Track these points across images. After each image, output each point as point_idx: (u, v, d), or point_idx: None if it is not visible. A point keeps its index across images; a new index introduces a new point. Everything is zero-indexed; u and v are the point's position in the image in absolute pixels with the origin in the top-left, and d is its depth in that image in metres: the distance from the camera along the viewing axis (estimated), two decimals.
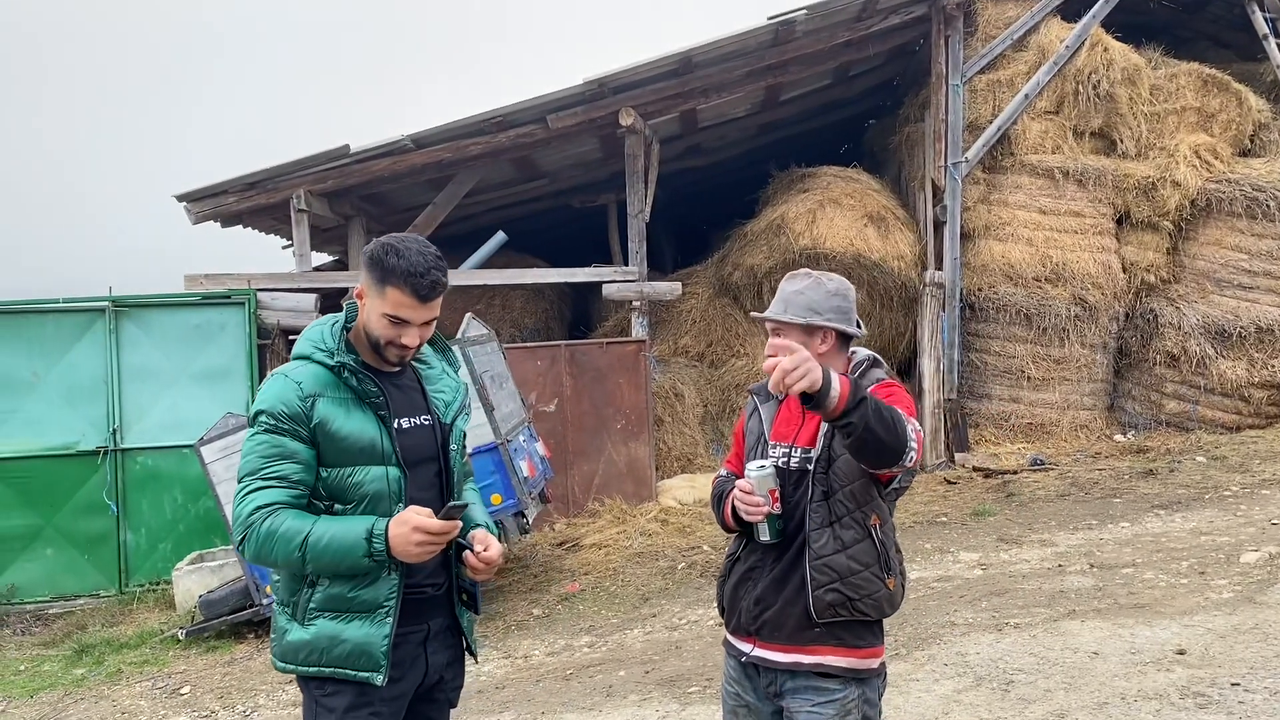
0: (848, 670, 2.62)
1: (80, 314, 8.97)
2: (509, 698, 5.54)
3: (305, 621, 2.53)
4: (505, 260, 12.25)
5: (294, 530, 2.40)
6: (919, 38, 11.96)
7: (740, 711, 2.79)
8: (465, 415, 2.86)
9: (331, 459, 2.52)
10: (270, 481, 2.45)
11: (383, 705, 2.55)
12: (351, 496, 2.52)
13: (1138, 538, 7.68)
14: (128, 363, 8.98)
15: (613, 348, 10.27)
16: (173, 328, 9.15)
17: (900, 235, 11.66)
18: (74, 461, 8.85)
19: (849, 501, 2.61)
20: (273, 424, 2.48)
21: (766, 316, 2.74)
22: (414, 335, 2.58)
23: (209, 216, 10.39)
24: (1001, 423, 11.68)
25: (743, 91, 11.32)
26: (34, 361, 8.85)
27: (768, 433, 2.77)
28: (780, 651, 2.66)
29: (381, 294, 2.52)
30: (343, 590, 2.50)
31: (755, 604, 2.69)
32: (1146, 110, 11.87)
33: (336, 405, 2.54)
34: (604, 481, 10.07)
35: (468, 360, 7.09)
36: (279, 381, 2.55)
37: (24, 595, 8.67)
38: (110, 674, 6.85)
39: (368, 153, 10.21)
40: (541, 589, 7.87)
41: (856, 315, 2.77)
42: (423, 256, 2.52)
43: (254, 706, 5.92)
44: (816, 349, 2.66)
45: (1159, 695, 4.56)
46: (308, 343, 2.62)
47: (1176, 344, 11.29)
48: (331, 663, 2.51)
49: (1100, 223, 11.65)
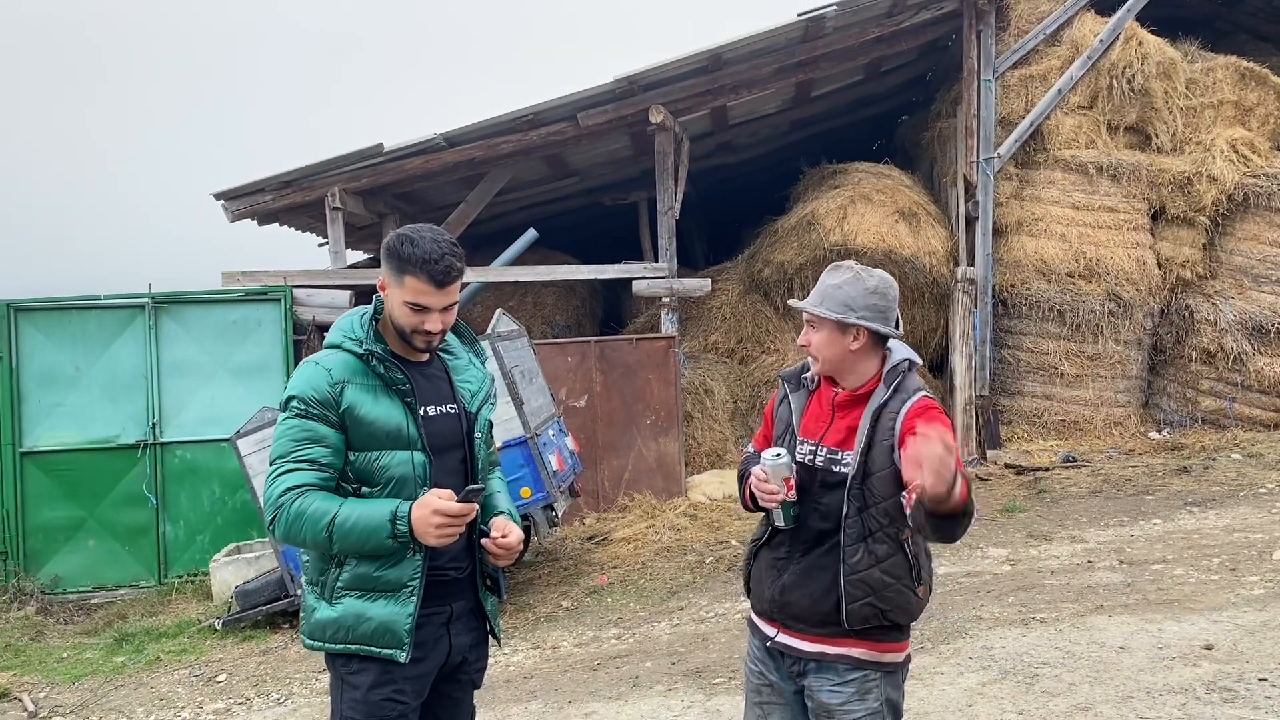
0: (873, 662, 2.65)
1: (121, 310, 9.16)
2: (537, 687, 5.61)
3: (333, 600, 2.62)
4: (536, 257, 12.34)
5: (322, 511, 2.49)
6: (951, 33, 11.91)
7: (764, 690, 2.83)
8: (490, 405, 2.94)
9: (359, 443, 2.61)
10: (300, 464, 2.54)
11: (405, 683, 2.62)
12: (378, 479, 2.61)
13: (1169, 534, 7.62)
14: (167, 358, 9.16)
15: (643, 344, 10.33)
16: (211, 323, 9.31)
17: (932, 231, 11.62)
18: (115, 454, 9.04)
19: (883, 517, 2.60)
20: (303, 409, 2.58)
21: (801, 307, 2.73)
22: (436, 321, 2.65)
23: (246, 214, 10.56)
24: (1034, 419, 11.61)
25: (773, 88, 11.32)
26: (77, 356, 9.05)
27: (796, 425, 2.78)
28: (806, 641, 2.69)
29: (401, 283, 2.61)
30: (368, 570, 2.58)
31: (781, 593, 2.72)
32: (1182, 104, 11.75)
33: (364, 391, 2.63)
34: (634, 477, 10.13)
35: (498, 355, 7.17)
36: (310, 368, 2.65)
37: (67, 585, 8.87)
38: (149, 662, 7.00)
39: (401, 151, 10.34)
40: (570, 582, 7.95)
41: (897, 313, 2.72)
42: (436, 244, 2.60)
43: (288, 694, 6.04)
44: (848, 346, 2.66)
45: (1185, 689, 4.55)
46: (338, 332, 2.72)
47: (1213, 340, 11.18)
48: (357, 640, 2.59)
49: (1135, 218, 11.55)
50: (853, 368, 2.69)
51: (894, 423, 2.58)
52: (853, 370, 2.70)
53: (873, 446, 2.58)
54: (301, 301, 9.61)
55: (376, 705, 2.59)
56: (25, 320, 8.95)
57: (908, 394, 2.63)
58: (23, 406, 8.89)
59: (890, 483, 2.56)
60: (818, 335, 2.68)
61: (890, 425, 2.58)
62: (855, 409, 2.68)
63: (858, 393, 2.69)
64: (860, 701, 2.63)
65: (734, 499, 9.91)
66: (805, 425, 2.76)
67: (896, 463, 2.52)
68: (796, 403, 2.80)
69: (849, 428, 2.66)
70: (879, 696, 2.65)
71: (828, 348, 2.67)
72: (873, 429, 2.60)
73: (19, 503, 8.82)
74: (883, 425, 2.59)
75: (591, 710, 5.11)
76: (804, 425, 2.76)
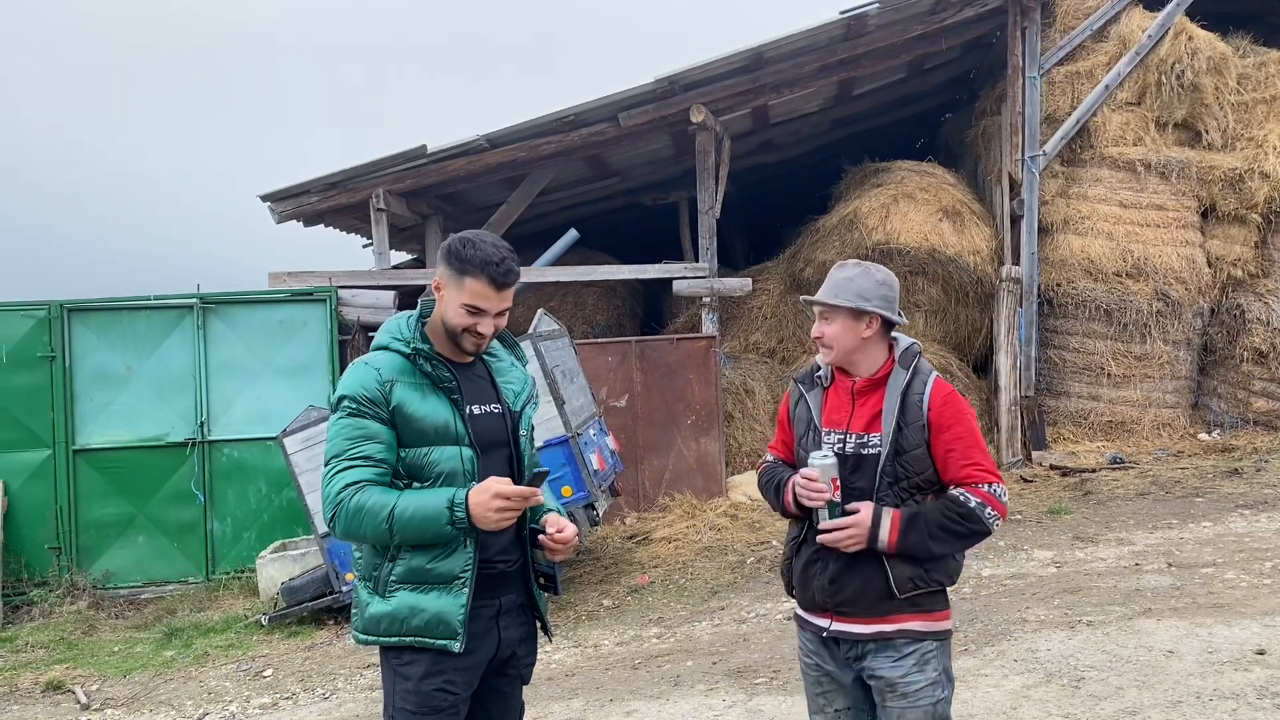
0: (929, 632, 2.78)
1: (170, 310, 9.31)
2: (579, 685, 5.64)
3: (386, 594, 2.67)
4: (578, 258, 12.39)
5: (380, 504, 2.55)
6: (995, 29, 11.78)
7: (823, 680, 2.93)
8: (533, 405, 3.01)
9: (409, 440, 2.67)
10: (356, 461, 2.60)
11: (456, 674, 2.67)
12: (428, 474, 2.67)
13: (1220, 537, 7.49)
14: (215, 357, 9.30)
15: (683, 344, 10.33)
16: (257, 324, 9.44)
17: (976, 230, 11.51)
18: (164, 452, 9.20)
19: (914, 489, 2.77)
20: (355, 407, 2.64)
21: (816, 300, 2.88)
22: (489, 324, 2.72)
23: (292, 216, 10.71)
24: (1080, 420, 11.45)
25: (814, 87, 11.27)
26: (128, 356, 9.21)
27: (818, 420, 2.90)
28: (862, 624, 2.79)
29: (460, 285, 2.67)
30: (421, 563, 2.64)
31: (830, 584, 2.81)
32: (1234, 100, 11.54)
33: (412, 390, 2.69)
34: (674, 476, 10.14)
35: (539, 355, 7.21)
36: (359, 369, 2.72)
37: (118, 580, 9.04)
38: (198, 656, 7.13)
39: (444, 153, 10.42)
40: (611, 581, 7.97)
41: (899, 306, 2.92)
42: (496, 248, 2.69)
43: (333, 689, 6.12)
44: (861, 333, 2.82)
45: (1236, 695, 4.48)
46: (386, 334, 2.79)
47: (1265, 340, 10.97)
48: (411, 632, 2.64)
49: (1184, 216, 11.37)
50: (866, 355, 2.86)
51: (920, 402, 2.78)
52: (866, 357, 2.86)
53: (903, 427, 2.76)
54: (346, 302, 9.72)
55: (428, 695, 2.64)
56: (78, 320, 9.13)
57: (925, 375, 2.83)
58: (75, 405, 9.07)
59: (922, 459, 2.76)
60: (831, 326, 2.85)
61: (917, 404, 2.77)
62: (874, 393, 2.84)
63: (875, 377, 2.86)
64: (920, 672, 2.75)
65: None
66: (827, 417, 2.90)
67: (927, 440, 2.76)
68: (814, 400, 2.94)
69: (873, 411, 2.81)
70: (937, 666, 2.78)
71: (843, 337, 2.83)
72: (902, 411, 2.77)
73: (72, 499, 9.00)
74: (910, 405, 2.77)
75: (633, 708, 5.13)
76: (826, 418, 2.90)
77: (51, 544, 8.94)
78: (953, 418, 2.76)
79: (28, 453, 8.99)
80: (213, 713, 5.95)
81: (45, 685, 6.62)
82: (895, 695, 2.75)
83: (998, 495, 2.74)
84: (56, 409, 9.00)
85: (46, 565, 8.90)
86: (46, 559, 8.92)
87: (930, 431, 2.75)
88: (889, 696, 2.76)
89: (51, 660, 7.22)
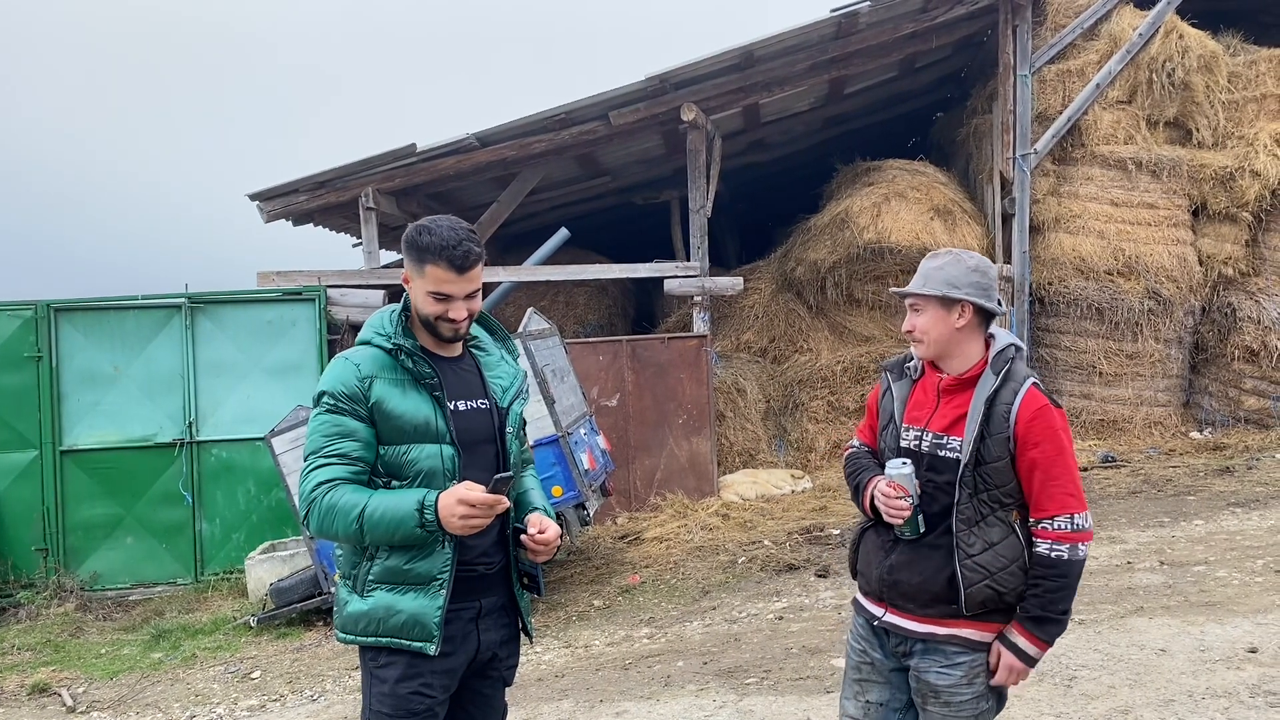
0: (984, 643, 2.67)
1: (158, 310, 9.25)
2: (568, 685, 5.60)
3: (364, 593, 2.63)
4: (568, 257, 12.34)
5: (352, 504, 2.51)
6: (986, 28, 11.78)
7: (864, 668, 2.87)
8: (522, 400, 2.95)
9: (388, 437, 2.63)
10: (332, 459, 2.57)
11: (433, 677, 2.63)
12: (407, 473, 2.62)
13: (1211, 535, 7.48)
14: (203, 357, 9.24)
15: (674, 343, 10.30)
16: (246, 323, 9.38)
17: (967, 229, 11.50)
18: (152, 453, 9.14)
19: (994, 503, 2.64)
20: (334, 404, 2.61)
21: (905, 291, 2.75)
22: (460, 308, 2.67)
23: (280, 215, 10.65)
24: (1072, 419, 11.43)
25: (805, 85, 11.25)
26: (115, 356, 9.15)
27: (899, 415, 2.80)
28: (915, 621, 2.71)
29: (422, 273, 2.64)
30: (399, 563, 2.60)
31: (889, 572, 2.74)
32: (1224, 98, 11.55)
33: (392, 386, 2.65)
34: (665, 476, 10.10)
35: (529, 354, 7.17)
36: (340, 364, 2.68)
37: (106, 582, 8.98)
38: (185, 658, 7.07)
39: (434, 151, 10.38)
40: (602, 581, 7.93)
41: (999, 294, 2.76)
42: (454, 231, 2.62)
43: (321, 691, 6.07)
44: (954, 323, 2.68)
45: (1228, 693, 4.46)
46: (369, 328, 2.75)
47: (1256, 338, 10.98)
48: (387, 633, 2.60)
49: (1175, 214, 11.37)
50: (959, 348, 2.71)
51: (1008, 414, 2.60)
52: (959, 351, 2.71)
53: (986, 437, 2.60)
54: (335, 301, 9.67)
55: (404, 698, 2.60)
56: (65, 320, 9.07)
57: (1018, 383, 2.63)
58: (63, 405, 9.01)
59: (1005, 472, 2.60)
60: (922, 317, 2.71)
61: (1004, 416, 2.60)
62: (961, 394, 2.69)
63: (963, 377, 2.70)
64: (969, 686, 2.66)
65: (766, 499, 9.86)
66: (910, 413, 2.78)
67: (1012, 453, 2.59)
68: (900, 392, 2.83)
69: (956, 413, 2.67)
70: (986, 680, 2.68)
71: (934, 328, 2.69)
72: (986, 420, 2.61)
73: (59, 500, 8.94)
74: (996, 415, 2.61)
75: (623, 709, 5.09)
76: (908, 413, 2.78)
77: (38, 545, 8.89)
78: (1041, 435, 2.57)
79: (14, 453, 8.93)
80: (200, 715, 5.90)
81: (31, 688, 6.56)
82: (939, 703, 2.68)
83: (1074, 529, 2.56)
84: (43, 409, 8.93)
85: (33, 567, 8.84)
86: (33, 560, 8.86)
87: (1015, 446, 2.59)
88: (931, 702, 2.70)
89: (38, 663, 7.15)
